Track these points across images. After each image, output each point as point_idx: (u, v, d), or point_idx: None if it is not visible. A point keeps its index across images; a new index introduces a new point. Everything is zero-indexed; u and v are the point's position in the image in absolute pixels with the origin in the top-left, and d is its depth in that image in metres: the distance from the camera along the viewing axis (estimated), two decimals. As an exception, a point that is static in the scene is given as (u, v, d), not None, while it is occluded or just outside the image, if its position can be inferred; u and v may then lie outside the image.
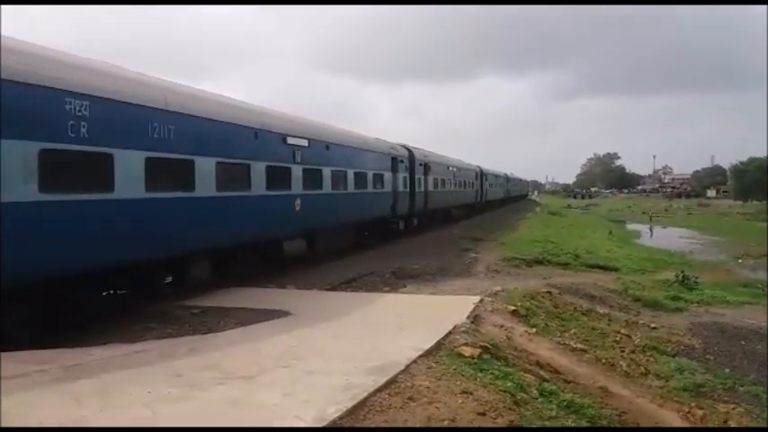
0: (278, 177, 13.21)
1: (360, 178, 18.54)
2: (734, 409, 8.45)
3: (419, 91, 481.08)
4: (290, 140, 13.91)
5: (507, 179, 67.07)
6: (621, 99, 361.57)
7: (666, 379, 9.31)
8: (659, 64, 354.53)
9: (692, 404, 8.34)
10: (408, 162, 24.42)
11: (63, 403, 5.31)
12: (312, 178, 14.97)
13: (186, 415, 5.06)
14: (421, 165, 26.18)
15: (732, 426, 7.90)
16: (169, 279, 10.83)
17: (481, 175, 44.98)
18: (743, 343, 11.63)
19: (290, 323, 8.99)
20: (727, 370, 10.18)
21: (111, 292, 9.73)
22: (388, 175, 21.60)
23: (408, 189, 24.12)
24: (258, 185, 12.39)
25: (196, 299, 10.53)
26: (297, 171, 14.12)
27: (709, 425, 7.78)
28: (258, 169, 12.41)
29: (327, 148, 16.08)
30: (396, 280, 13.46)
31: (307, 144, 14.65)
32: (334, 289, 12.31)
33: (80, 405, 5.25)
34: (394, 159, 22.53)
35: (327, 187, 15.93)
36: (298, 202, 13.98)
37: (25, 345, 7.07)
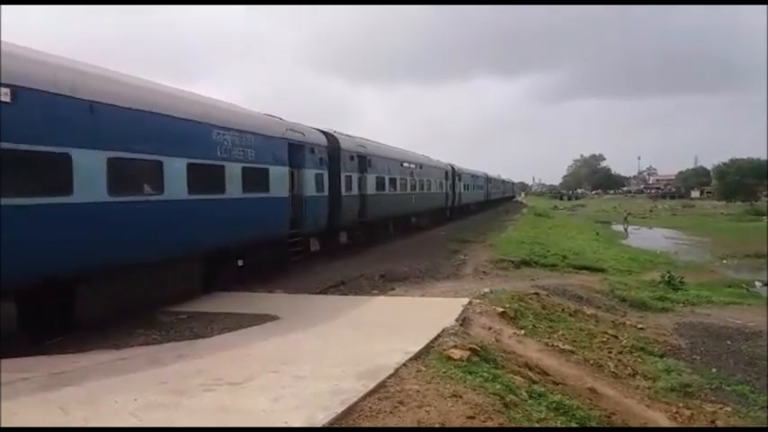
0: None
1: (208, 174, 11.34)
2: (721, 408, 8.51)
3: (412, 93, 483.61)
4: None
5: (488, 180, 59.48)
6: (608, 101, 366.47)
7: (654, 379, 9.38)
8: (647, 66, 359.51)
9: (680, 404, 8.40)
10: (327, 154, 17.71)
11: (48, 412, 5.22)
12: (40, 173, 7.82)
13: (173, 422, 4.99)
14: (353, 158, 19.95)
15: (721, 426, 7.94)
16: None
17: (453, 174, 38.56)
18: (728, 343, 11.73)
19: (278, 327, 8.95)
20: (713, 370, 10.26)
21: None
22: (280, 171, 14.35)
23: (327, 192, 17.57)
24: None
25: (183, 304, 10.44)
26: None
27: (697, 425, 7.83)
28: None
29: (90, 110, 8.47)
30: (384, 283, 13.47)
31: (8, 99, 7.16)
32: (323, 292, 12.28)
33: (66, 413, 5.17)
34: (296, 148, 15.41)
35: (96, 191, 8.53)
36: None
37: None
